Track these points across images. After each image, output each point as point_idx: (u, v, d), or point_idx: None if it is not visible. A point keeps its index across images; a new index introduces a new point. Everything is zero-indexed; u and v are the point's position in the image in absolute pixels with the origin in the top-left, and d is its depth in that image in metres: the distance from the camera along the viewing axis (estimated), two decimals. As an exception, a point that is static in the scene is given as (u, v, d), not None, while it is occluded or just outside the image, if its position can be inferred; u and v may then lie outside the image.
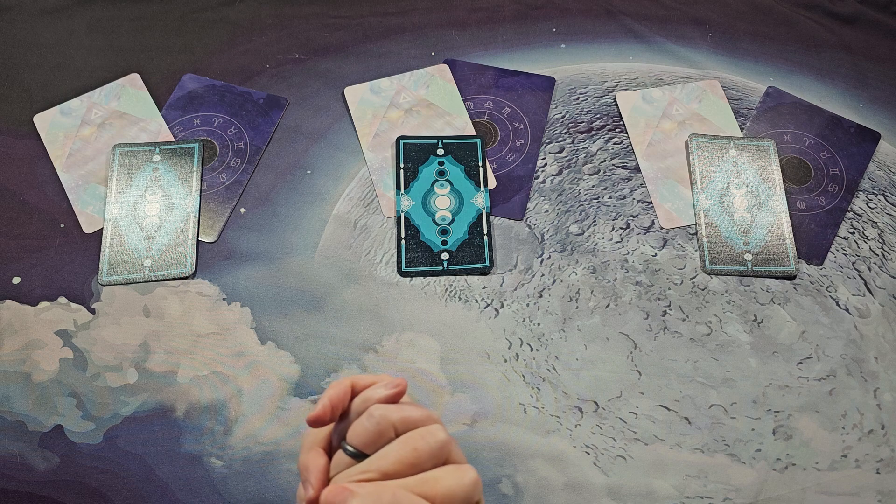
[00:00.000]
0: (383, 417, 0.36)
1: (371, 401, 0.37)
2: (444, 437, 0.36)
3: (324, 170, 0.72)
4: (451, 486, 0.34)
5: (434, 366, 0.63)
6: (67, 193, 0.69)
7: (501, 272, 0.68)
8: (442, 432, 0.36)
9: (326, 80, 0.76)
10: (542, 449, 0.60)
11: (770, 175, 0.72)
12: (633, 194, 0.72)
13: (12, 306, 0.64)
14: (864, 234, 0.71)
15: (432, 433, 0.36)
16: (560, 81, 0.78)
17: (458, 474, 0.35)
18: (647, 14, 0.82)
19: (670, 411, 0.62)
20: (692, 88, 0.77)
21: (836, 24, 0.83)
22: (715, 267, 0.68)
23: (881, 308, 0.67)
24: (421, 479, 0.34)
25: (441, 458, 0.36)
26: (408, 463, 0.35)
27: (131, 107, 0.74)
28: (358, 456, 0.36)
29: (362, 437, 0.36)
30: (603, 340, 0.65)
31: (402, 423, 0.36)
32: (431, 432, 0.36)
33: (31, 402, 0.61)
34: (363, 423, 0.36)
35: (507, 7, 0.82)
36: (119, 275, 0.65)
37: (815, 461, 0.60)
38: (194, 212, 0.69)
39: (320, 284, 0.66)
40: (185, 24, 0.79)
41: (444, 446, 0.36)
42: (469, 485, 0.35)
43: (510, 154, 0.73)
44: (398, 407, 0.37)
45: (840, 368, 0.64)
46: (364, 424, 0.36)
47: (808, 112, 0.77)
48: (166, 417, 0.61)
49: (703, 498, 0.59)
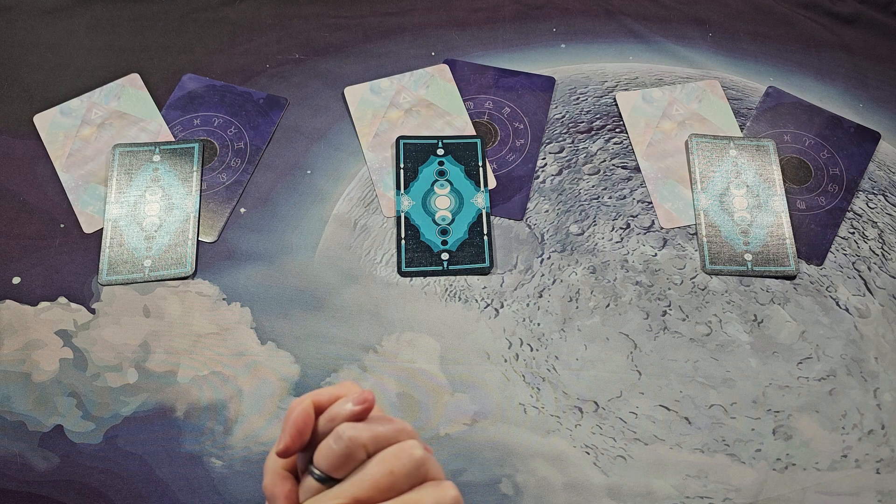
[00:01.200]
0: (352, 439, 0.33)
1: (338, 419, 0.34)
2: (420, 455, 0.33)
3: (324, 170, 0.72)
4: None
5: (434, 366, 0.63)
6: (67, 193, 0.69)
7: (501, 272, 0.68)
8: (418, 449, 0.34)
9: (326, 80, 0.76)
10: (542, 449, 0.60)
11: (770, 175, 0.72)
12: (633, 194, 0.72)
13: (12, 306, 0.64)
14: (864, 234, 0.71)
15: (407, 452, 0.33)
16: (560, 81, 0.78)
17: (439, 494, 0.33)
18: (647, 14, 0.82)
19: (670, 411, 0.62)
20: (692, 88, 0.77)
21: (836, 24, 0.83)
22: (715, 267, 0.68)
23: (881, 308, 0.67)
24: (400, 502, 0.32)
25: (419, 478, 0.33)
26: (384, 487, 0.32)
27: (131, 107, 0.74)
28: (327, 480, 0.34)
29: (331, 461, 0.33)
30: (603, 340, 0.65)
31: (374, 442, 0.33)
32: (406, 451, 0.33)
33: (31, 402, 0.61)
34: (331, 445, 0.33)
35: (507, 7, 0.82)
36: (119, 275, 0.65)
37: (815, 461, 0.60)
38: (194, 212, 0.69)
39: (320, 284, 0.66)
40: (185, 24, 0.79)
41: (420, 465, 0.33)
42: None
43: (510, 154, 0.73)
44: (367, 425, 0.34)
45: (840, 368, 0.64)
46: (332, 447, 0.33)
47: (808, 112, 0.77)
48: (166, 417, 0.61)
49: (703, 498, 0.59)
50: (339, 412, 0.35)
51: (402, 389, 0.62)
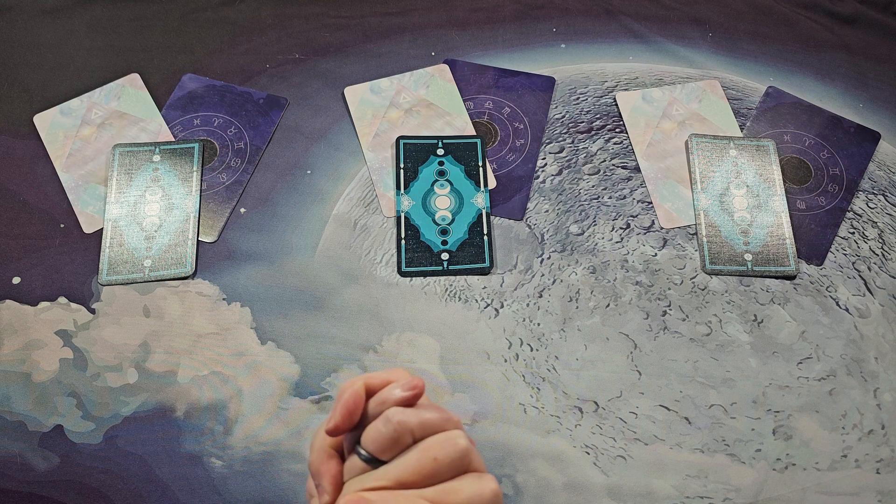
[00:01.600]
0: (401, 423, 0.34)
1: (387, 403, 0.35)
2: (464, 445, 0.34)
3: (324, 170, 0.72)
4: (470, 497, 0.33)
5: (434, 366, 0.63)
6: (67, 193, 0.69)
7: (501, 272, 0.68)
8: (463, 439, 0.34)
9: (326, 80, 0.76)
10: (542, 449, 0.60)
11: (770, 175, 0.72)
12: (633, 194, 0.72)
13: (12, 306, 0.64)
14: (864, 234, 0.71)
15: (452, 441, 0.34)
16: (560, 81, 0.78)
17: (479, 486, 0.34)
18: (647, 14, 0.82)
19: (670, 411, 0.62)
20: (692, 88, 0.77)
21: (836, 24, 0.83)
22: (715, 267, 0.68)
23: (881, 308, 0.67)
24: (440, 489, 0.33)
25: (462, 468, 0.34)
26: (427, 473, 0.33)
27: (131, 107, 0.74)
28: (372, 461, 0.34)
29: (378, 443, 0.34)
30: (603, 340, 0.65)
31: (421, 429, 0.34)
32: (451, 440, 0.34)
33: (31, 402, 0.61)
34: (379, 427, 0.34)
35: (507, 7, 0.82)
36: (119, 275, 0.65)
37: (815, 461, 0.60)
38: (194, 212, 0.69)
39: (320, 284, 0.66)
40: (185, 24, 0.79)
41: (464, 455, 0.34)
42: (489, 497, 0.34)
43: (510, 154, 0.73)
44: (416, 411, 0.35)
45: (840, 368, 0.64)
46: (380, 429, 0.34)
47: (808, 112, 0.77)
48: (166, 417, 0.61)
49: (703, 498, 0.59)
50: (389, 396, 0.36)
51: (402, 389, 0.62)
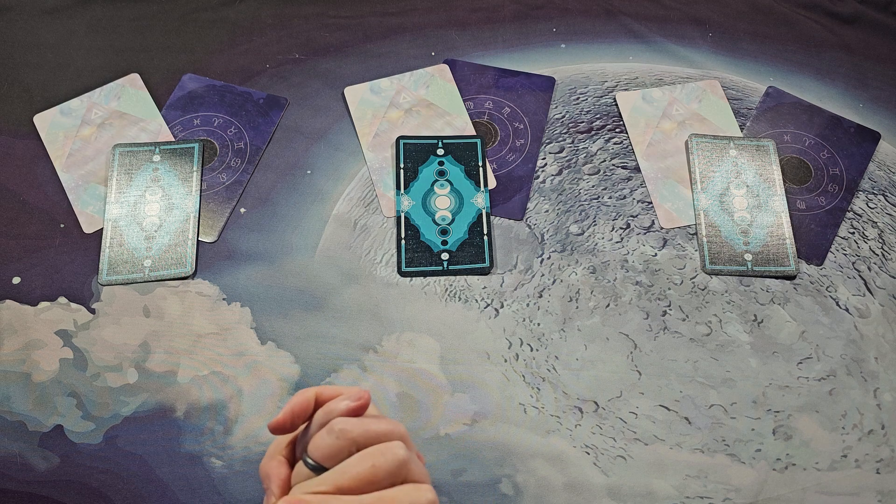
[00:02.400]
0: (343, 432, 0.35)
1: (333, 413, 0.37)
2: (403, 455, 0.35)
3: (324, 170, 0.72)
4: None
5: (434, 366, 0.63)
6: (67, 193, 0.69)
7: (501, 272, 0.68)
8: (402, 450, 0.35)
9: (326, 80, 0.76)
10: (542, 449, 0.60)
11: (770, 175, 0.72)
12: (633, 194, 0.72)
13: (12, 306, 0.64)
14: (864, 234, 0.71)
15: (392, 450, 0.35)
16: (560, 81, 0.78)
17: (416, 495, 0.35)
18: (647, 14, 0.82)
19: (670, 411, 0.62)
20: (692, 88, 0.77)
21: (836, 24, 0.83)
22: (715, 267, 0.68)
23: (881, 308, 0.67)
24: (377, 497, 0.34)
25: (399, 477, 0.35)
26: (364, 479, 0.34)
27: (131, 107, 0.74)
28: (317, 469, 0.36)
29: (322, 451, 0.36)
30: (603, 340, 0.65)
31: (364, 438, 0.36)
32: (391, 449, 0.35)
33: (31, 402, 0.61)
34: (323, 436, 0.36)
35: (507, 7, 0.82)
36: (119, 275, 0.65)
37: (815, 461, 0.60)
38: (194, 212, 0.69)
39: (320, 284, 0.66)
40: (185, 24, 0.79)
41: (402, 465, 0.35)
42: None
43: (510, 154, 0.73)
44: (360, 421, 0.36)
45: (840, 368, 0.64)
46: (324, 438, 0.36)
47: (808, 112, 0.77)
48: (166, 417, 0.61)
49: (703, 498, 0.59)
50: (336, 407, 0.37)
51: (402, 389, 0.62)
